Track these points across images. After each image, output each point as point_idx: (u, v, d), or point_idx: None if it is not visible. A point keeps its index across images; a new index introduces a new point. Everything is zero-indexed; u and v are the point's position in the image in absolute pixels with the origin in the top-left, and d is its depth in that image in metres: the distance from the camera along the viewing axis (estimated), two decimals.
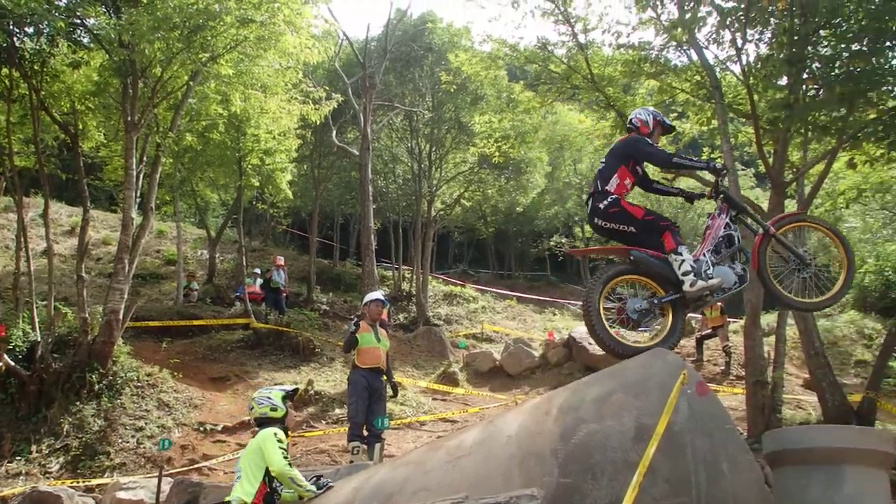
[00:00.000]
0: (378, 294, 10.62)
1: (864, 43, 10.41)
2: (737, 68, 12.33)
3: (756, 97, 11.78)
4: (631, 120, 6.64)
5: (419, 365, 19.10)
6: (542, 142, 29.51)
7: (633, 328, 6.08)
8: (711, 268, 5.97)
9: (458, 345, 21.62)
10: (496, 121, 24.76)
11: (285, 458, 5.87)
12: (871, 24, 9.89)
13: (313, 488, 5.90)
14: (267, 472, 5.87)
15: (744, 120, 13.35)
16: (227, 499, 5.88)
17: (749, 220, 6.41)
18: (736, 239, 6.20)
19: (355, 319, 9.88)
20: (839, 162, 13.31)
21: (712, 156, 13.96)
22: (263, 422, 6.25)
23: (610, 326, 5.88)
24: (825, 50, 11.09)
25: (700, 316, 18.80)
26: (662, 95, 14.30)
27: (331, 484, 6.07)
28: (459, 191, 28.62)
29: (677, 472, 4.73)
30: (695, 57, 12.91)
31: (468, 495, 4.46)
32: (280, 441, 5.94)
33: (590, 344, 18.38)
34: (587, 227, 38.04)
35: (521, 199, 30.84)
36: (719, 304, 17.48)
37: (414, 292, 26.58)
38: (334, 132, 23.63)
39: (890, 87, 10.65)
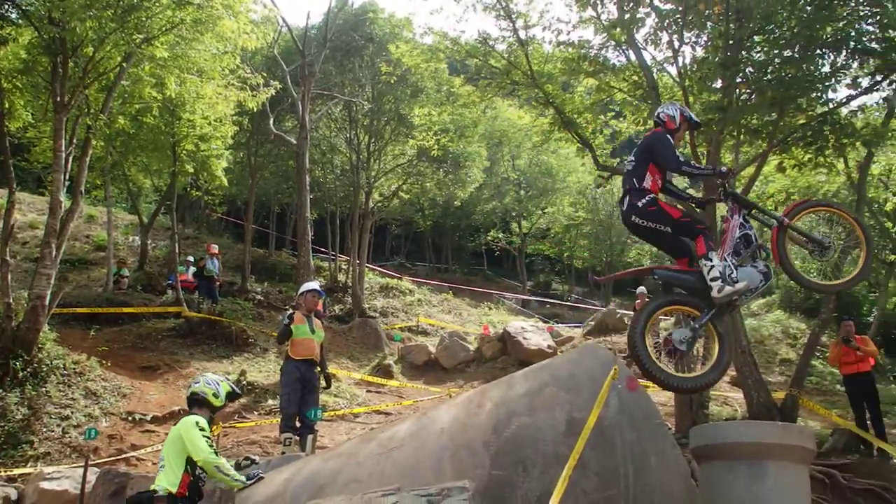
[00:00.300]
0: (314, 284, 10.51)
1: (796, 50, 10.69)
2: (673, 70, 12.55)
3: (691, 99, 12.00)
4: (658, 114, 6.59)
5: (354, 357, 19.02)
6: (480, 136, 29.65)
7: (682, 359, 6.02)
8: (735, 271, 5.97)
9: (394, 337, 21.59)
10: (436, 114, 24.74)
11: (211, 446, 5.76)
12: (803, 31, 10.15)
13: (242, 478, 5.80)
14: (190, 460, 5.75)
15: None
16: (152, 487, 5.75)
17: (762, 215, 6.44)
18: (753, 237, 6.20)
19: (290, 311, 9.78)
20: (769, 165, 13.63)
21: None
22: (197, 401, 6.11)
23: (659, 360, 5.84)
24: (758, 55, 11.34)
25: (633, 313, 19.10)
26: (600, 94, 14.44)
27: (261, 475, 5.99)
28: (398, 183, 28.53)
29: (607, 465, 4.80)
30: (633, 57, 13.08)
31: (400, 487, 4.45)
32: (203, 429, 5.80)
33: (524, 339, 18.56)
34: (525, 223, 38.45)
35: (459, 192, 30.90)
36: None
37: (350, 284, 26.40)
38: (272, 120, 23.31)
39: (819, 94, 10.94)
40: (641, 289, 18.73)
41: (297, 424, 9.39)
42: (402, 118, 25.87)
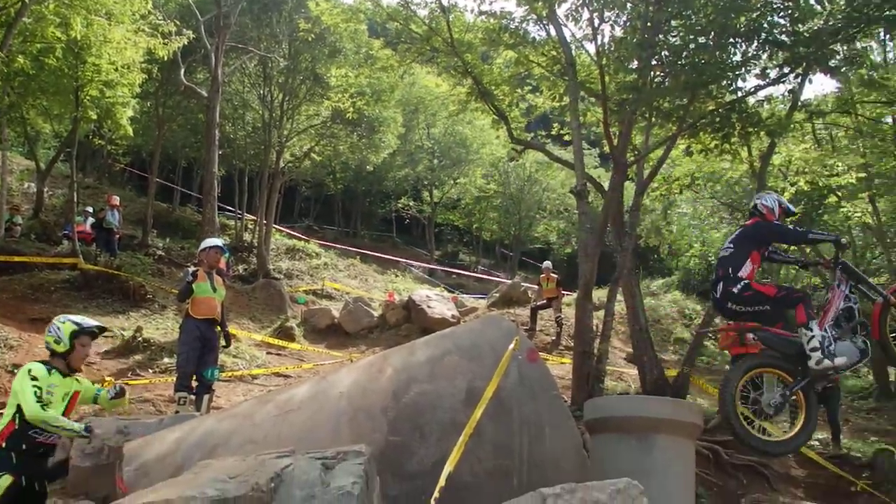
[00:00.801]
0: (217, 240, 10.24)
1: (710, 37, 10.92)
2: (592, 48, 12.68)
3: (607, 78, 12.14)
4: (756, 206, 6.74)
5: (256, 318, 18.73)
6: (397, 102, 29.41)
7: (769, 422, 6.18)
8: (834, 343, 6.04)
9: (297, 300, 21.38)
10: (353, 76, 24.40)
11: (38, 399, 5.41)
12: (718, 19, 10.36)
13: (76, 427, 5.56)
14: (20, 409, 5.49)
15: (594, 100, 13.74)
16: None
17: (868, 289, 6.46)
18: (856, 311, 6.28)
19: (193, 268, 9.51)
20: (677, 149, 13.96)
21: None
22: (50, 352, 5.86)
23: (747, 421, 5.96)
24: (675, 39, 11.55)
25: (537, 287, 19.40)
26: (519, 67, 14.48)
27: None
28: (310, 144, 28.07)
29: (503, 434, 4.85)
30: (553, 32, 13.13)
31: (295, 449, 4.39)
32: (35, 379, 5.48)
33: (428, 307, 18.62)
34: (436, 192, 38.50)
35: (372, 157, 30.65)
36: (555, 275, 18.08)
37: (256, 244, 25.98)
38: (183, 71, 22.53)
39: (729, 82, 11.23)
40: (547, 264, 19.01)
41: (195, 384, 9.21)
42: (318, 78, 25.41)
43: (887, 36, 15.41)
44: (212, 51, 21.51)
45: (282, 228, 31.51)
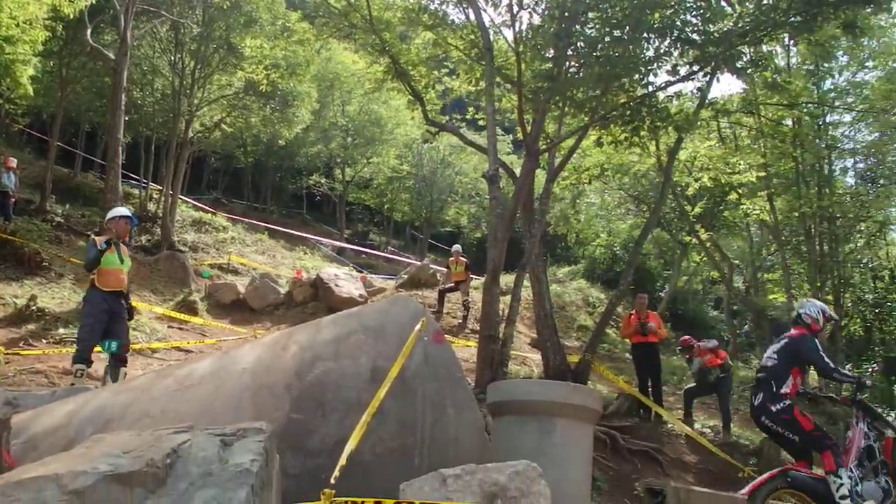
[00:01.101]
0: (125, 210, 9.96)
1: (625, 31, 11.12)
2: (510, 34, 12.77)
3: (523, 66, 12.25)
4: (800, 315, 6.73)
5: (157, 290, 18.25)
6: (312, 77, 29.00)
7: None
8: (860, 484, 6.09)
9: (202, 274, 20.94)
10: (268, 47, 23.94)
11: None
12: (634, 13, 10.57)
13: None
14: None
15: (509, 86, 13.85)
16: None
17: (881, 424, 6.54)
18: (877, 451, 6.32)
19: (105, 237, 9.19)
20: (588, 139, 14.21)
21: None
22: None
23: None
24: (591, 31, 11.74)
25: (445, 269, 19.50)
26: (437, 49, 14.48)
27: None
28: (221, 114, 27.38)
29: (406, 414, 4.87)
30: (472, 16, 13.17)
31: (194, 425, 4.30)
32: None
33: (336, 286, 18.52)
34: (348, 171, 38.17)
35: (284, 132, 30.13)
36: (464, 259, 18.21)
37: (160, 214, 25.27)
38: (89, 31, 21.60)
39: (641, 77, 11.48)
40: (456, 247, 19.10)
41: (94, 357, 8.96)
42: (231, 47, 24.75)
43: (791, 41, 16.00)
44: (121, 12, 20.69)
45: (188, 200, 30.76)
